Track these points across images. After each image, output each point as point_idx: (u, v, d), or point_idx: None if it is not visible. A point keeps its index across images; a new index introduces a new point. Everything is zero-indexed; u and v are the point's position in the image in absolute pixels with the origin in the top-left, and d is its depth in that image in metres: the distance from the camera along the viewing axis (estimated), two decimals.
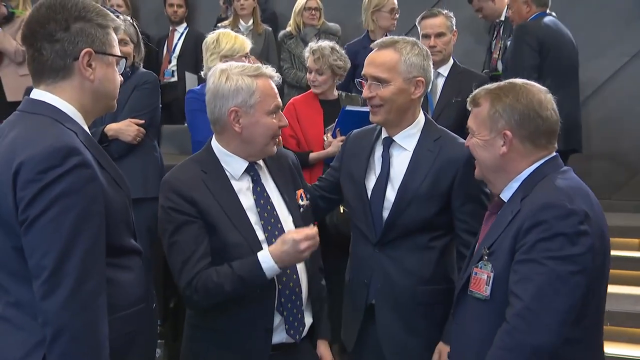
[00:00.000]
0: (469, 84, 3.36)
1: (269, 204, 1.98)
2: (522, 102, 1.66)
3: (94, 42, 1.49)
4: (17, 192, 1.36)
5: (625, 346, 3.40)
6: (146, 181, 3.16)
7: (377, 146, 2.20)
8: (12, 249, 1.41)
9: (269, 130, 1.93)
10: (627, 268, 3.93)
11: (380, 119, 2.13)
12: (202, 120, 3.01)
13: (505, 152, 1.68)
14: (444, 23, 3.40)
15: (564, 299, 1.51)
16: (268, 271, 1.82)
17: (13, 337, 1.44)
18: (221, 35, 3.14)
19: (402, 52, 2.09)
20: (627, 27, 5.04)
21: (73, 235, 1.36)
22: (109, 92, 1.56)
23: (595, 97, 5.15)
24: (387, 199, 2.13)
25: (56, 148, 1.36)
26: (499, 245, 1.65)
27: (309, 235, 1.83)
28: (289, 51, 4.83)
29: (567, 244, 1.51)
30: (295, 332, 1.94)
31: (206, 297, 1.85)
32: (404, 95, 2.09)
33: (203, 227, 1.88)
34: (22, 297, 1.43)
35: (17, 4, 4.67)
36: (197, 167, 1.97)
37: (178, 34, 5.51)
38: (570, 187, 1.61)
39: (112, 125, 3.05)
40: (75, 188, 1.37)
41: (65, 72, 1.49)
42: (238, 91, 1.90)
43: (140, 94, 3.16)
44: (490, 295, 1.64)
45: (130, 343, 1.55)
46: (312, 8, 4.80)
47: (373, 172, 2.18)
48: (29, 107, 1.51)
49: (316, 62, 3.33)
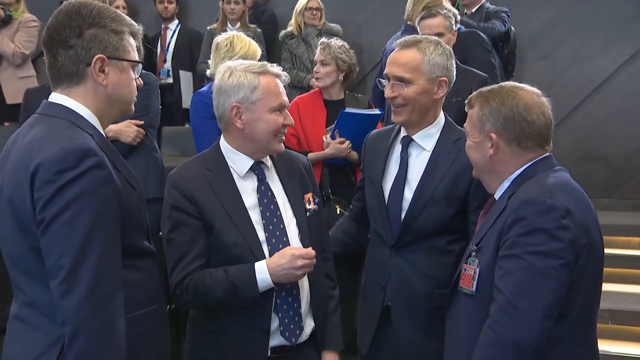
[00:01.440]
0: (468, 84, 3.36)
1: (273, 203, 1.97)
2: (507, 105, 1.69)
3: (106, 48, 1.51)
4: (34, 192, 1.37)
5: (627, 344, 3.41)
6: (147, 182, 3.15)
7: (395, 146, 2.19)
8: (30, 248, 1.42)
9: (271, 127, 1.92)
10: (628, 267, 3.93)
11: (402, 119, 2.11)
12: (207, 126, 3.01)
13: (492, 154, 1.72)
14: (442, 23, 3.39)
15: (545, 294, 1.52)
16: (261, 283, 1.82)
17: (28, 336, 1.46)
18: (235, 39, 3.11)
19: (425, 51, 2.07)
20: (625, 28, 5.04)
21: (89, 236, 1.37)
22: (124, 97, 1.58)
23: (595, 96, 5.16)
24: (404, 200, 2.11)
25: (72, 149, 1.38)
26: (486, 241, 1.68)
27: (308, 254, 1.84)
28: (290, 51, 4.83)
29: (547, 239, 1.53)
30: (291, 335, 1.92)
31: (195, 299, 1.86)
32: (427, 95, 2.08)
33: (201, 227, 1.88)
34: (37, 297, 1.45)
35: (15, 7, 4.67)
36: (202, 164, 1.98)
37: (170, 31, 5.47)
38: (554, 184, 1.62)
39: (111, 126, 3.04)
40: (90, 189, 1.38)
41: (79, 78, 1.52)
42: (240, 87, 1.90)
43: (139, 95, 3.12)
44: (476, 290, 1.67)
45: (142, 344, 1.56)
46: (314, 8, 4.80)
47: (391, 173, 2.16)
48: (47, 110, 1.53)
49: (322, 53, 3.32)
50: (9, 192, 1.42)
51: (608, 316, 3.46)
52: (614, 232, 4.13)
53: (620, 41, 5.05)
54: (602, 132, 5.10)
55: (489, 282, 1.62)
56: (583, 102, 5.15)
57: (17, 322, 1.50)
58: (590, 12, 5.14)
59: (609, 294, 3.70)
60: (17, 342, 1.48)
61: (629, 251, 4.07)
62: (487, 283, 1.63)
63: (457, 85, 3.37)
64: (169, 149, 4.59)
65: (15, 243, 1.46)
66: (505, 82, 1.80)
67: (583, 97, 5.16)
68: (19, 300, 1.50)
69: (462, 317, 1.74)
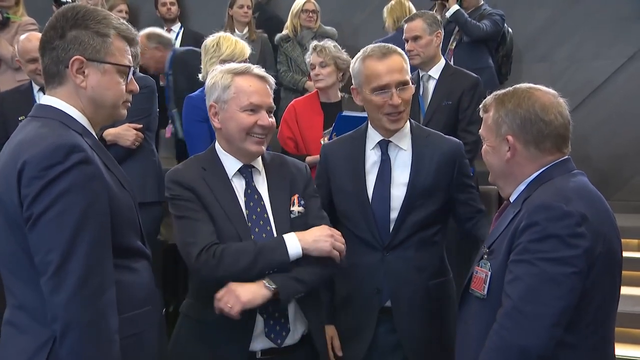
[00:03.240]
0: (460, 86, 3.37)
1: (260, 206, 1.99)
2: (523, 107, 1.65)
3: (86, 50, 1.50)
4: (21, 189, 1.38)
5: (626, 347, 3.41)
6: (145, 186, 3.16)
7: (368, 152, 2.23)
8: (20, 249, 1.43)
9: (241, 125, 1.93)
10: (626, 269, 3.87)
11: (403, 123, 2.19)
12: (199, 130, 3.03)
13: (509, 157, 1.68)
14: (420, 26, 3.40)
15: (555, 301, 1.49)
16: (292, 249, 1.87)
17: (17, 341, 1.46)
18: (222, 39, 3.14)
19: (403, 56, 2.19)
20: (624, 28, 5.05)
21: (77, 231, 1.37)
22: (107, 100, 1.56)
23: (594, 97, 5.16)
24: (393, 201, 2.15)
25: (58, 145, 1.38)
26: (499, 244, 1.65)
27: (338, 232, 1.96)
28: (286, 54, 4.81)
29: (560, 246, 1.50)
30: (276, 337, 1.93)
31: (223, 264, 1.83)
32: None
33: (207, 216, 1.91)
34: (25, 300, 1.46)
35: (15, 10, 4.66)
36: (197, 164, 2.02)
37: (174, 33, 5.46)
38: (571, 189, 1.59)
39: (110, 130, 3.05)
40: (78, 184, 1.38)
41: (60, 79, 1.53)
42: (215, 87, 1.97)
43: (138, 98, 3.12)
44: (487, 293, 1.65)
45: (135, 345, 1.56)
46: (309, 10, 4.79)
47: (369, 179, 2.20)
48: (37, 112, 1.54)
49: (319, 55, 3.33)
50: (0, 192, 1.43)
51: None
52: None
53: (618, 42, 5.05)
54: (601, 134, 5.10)
55: (500, 286, 1.59)
56: (582, 103, 5.15)
57: (8, 326, 1.50)
58: (588, 13, 5.15)
59: None
60: (7, 348, 1.48)
61: (627, 253, 4.04)
62: (499, 286, 1.60)
63: (447, 88, 3.42)
64: (167, 152, 4.59)
65: (5, 243, 1.46)
66: (521, 84, 1.75)
67: (582, 99, 5.16)
68: (10, 304, 1.51)
69: (473, 320, 1.71)
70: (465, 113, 3.29)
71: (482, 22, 4.36)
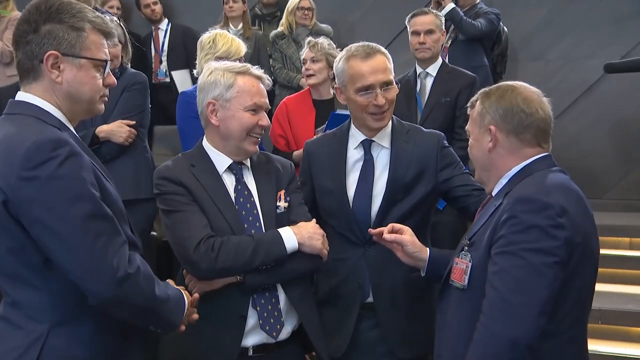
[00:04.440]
0: (457, 84, 3.39)
1: (249, 202, 2.01)
2: (506, 98, 1.72)
3: (60, 44, 1.47)
4: (8, 193, 1.36)
5: (617, 344, 3.43)
6: (138, 182, 3.15)
7: (350, 151, 2.24)
8: (7, 251, 1.42)
9: (244, 124, 1.96)
10: (618, 267, 3.95)
11: (387, 121, 2.20)
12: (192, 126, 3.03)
13: (491, 147, 1.72)
14: (434, 21, 3.45)
15: (540, 291, 1.52)
16: (288, 243, 1.91)
17: (11, 336, 1.46)
18: (218, 36, 3.14)
19: (387, 55, 2.19)
20: (618, 28, 5.06)
21: (87, 224, 1.38)
22: (83, 95, 1.53)
23: (587, 96, 5.18)
24: (374, 198, 2.17)
25: (41, 142, 1.37)
26: (479, 236, 1.69)
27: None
28: (281, 51, 4.82)
29: (542, 236, 1.53)
30: (271, 329, 1.94)
31: (221, 256, 1.84)
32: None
33: (198, 208, 1.92)
34: (18, 297, 1.46)
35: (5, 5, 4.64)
36: (186, 161, 2.02)
37: (162, 31, 5.45)
38: (551, 183, 1.63)
39: (103, 126, 3.04)
40: (73, 178, 1.38)
41: (35, 74, 1.50)
42: (216, 84, 1.97)
43: (130, 95, 3.15)
44: (468, 284, 1.68)
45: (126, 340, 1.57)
46: (305, 8, 4.79)
47: (351, 177, 2.22)
48: (12, 109, 1.51)
49: (312, 50, 3.33)
50: None
51: (598, 316, 3.48)
52: (604, 233, 4.14)
53: (612, 41, 5.06)
54: (594, 133, 5.12)
55: (481, 277, 1.62)
56: (575, 102, 5.17)
57: (1, 322, 1.50)
58: (582, 12, 5.16)
59: (599, 294, 3.68)
60: (2, 342, 1.48)
61: (618, 251, 4.10)
62: (480, 278, 1.63)
63: (445, 85, 3.44)
64: (161, 148, 4.58)
65: None
66: (506, 82, 1.81)
67: (575, 97, 5.18)
68: (3, 300, 1.51)
69: (454, 310, 1.74)
70: (462, 111, 3.30)
71: (478, 21, 4.37)
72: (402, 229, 2.01)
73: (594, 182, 4.96)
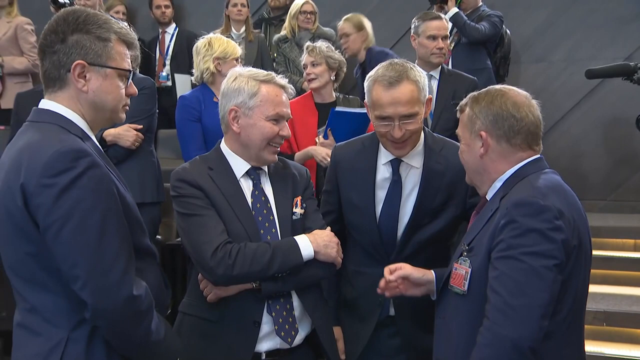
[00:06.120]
0: (462, 86, 3.40)
1: (266, 208, 2.00)
2: (496, 103, 1.73)
3: (87, 54, 1.51)
4: (28, 198, 1.38)
5: (622, 346, 3.42)
6: (144, 186, 3.16)
7: (380, 167, 2.15)
8: (26, 255, 1.44)
9: (265, 134, 1.96)
10: (623, 269, 3.94)
11: (408, 150, 2.09)
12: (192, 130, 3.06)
13: (483, 153, 1.74)
14: (447, 27, 3.51)
15: (541, 293, 1.53)
16: (304, 250, 1.90)
17: (31, 343, 1.47)
18: (213, 39, 3.22)
19: (416, 78, 2.03)
20: (619, 30, 5.06)
21: (100, 237, 1.40)
22: (107, 104, 1.56)
23: (590, 99, 5.18)
24: (401, 219, 2.13)
25: (64, 152, 1.39)
26: (478, 242, 1.69)
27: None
28: (284, 55, 4.84)
29: (541, 239, 1.55)
30: (286, 335, 1.95)
31: (239, 263, 1.83)
32: (422, 119, 2.09)
33: (215, 213, 1.91)
34: (37, 302, 1.47)
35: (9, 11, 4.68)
36: (203, 164, 2.01)
37: (169, 35, 5.48)
38: (546, 185, 1.64)
39: (110, 130, 3.06)
40: (91, 189, 1.40)
41: (61, 83, 1.53)
42: (240, 91, 1.96)
43: (138, 99, 3.12)
44: (468, 290, 1.69)
45: None
46: (308, 12, 4.80)
47: (380, 193, 2.15)
48: (36, 117, 1.54)
49: (311, 54, 3.35)
50: (5, 200, 1.43)
51: (603, 318, 3.48)
52: (609, 234, 4.15)
53: (615, 43, 5.07)
54: (597, 134, 5.12)
55: (481, 283, 1.64)
56: (578, 104, 5.17)
57: (20, 329, 1.51)
58: (585, 14, 5.17)
59: (604, 295, 3.72)
60: (21, 349, 1.49)
61: (623, 253, 4.09)
62: (480, 283, 1.64)
63: (451, 87, 3.44)
64: (165, 152, 4.60)
65: (12, 250, 1.46)
66: (495, 85, 1.83)
67: (578, 100, 5.18)
68: (21, 307, 1.52)
69: (453, 315, 1.75)
70: None
71: (481, 24, 4.37)
72: (398, 266, 1.96)
73: (598, 184, 4.96)
